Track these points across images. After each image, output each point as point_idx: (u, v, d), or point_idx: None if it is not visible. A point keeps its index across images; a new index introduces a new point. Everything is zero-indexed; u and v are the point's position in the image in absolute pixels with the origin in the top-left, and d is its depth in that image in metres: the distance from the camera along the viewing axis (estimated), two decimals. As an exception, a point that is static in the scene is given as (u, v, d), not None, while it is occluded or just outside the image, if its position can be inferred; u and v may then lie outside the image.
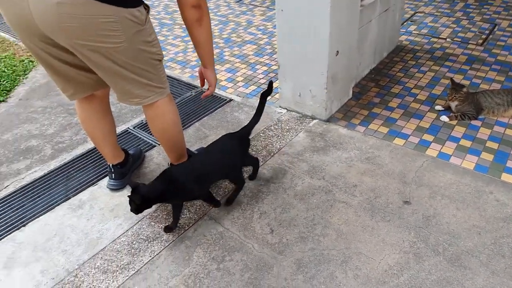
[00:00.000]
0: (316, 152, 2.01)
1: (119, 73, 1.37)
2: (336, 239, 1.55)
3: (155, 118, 1.59)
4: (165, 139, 1.69)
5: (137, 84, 1.43)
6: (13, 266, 1.51)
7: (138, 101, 1.49)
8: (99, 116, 1.65)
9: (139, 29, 1.31)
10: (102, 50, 1.28)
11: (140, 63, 1.38)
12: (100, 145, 1.73)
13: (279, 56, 2.20)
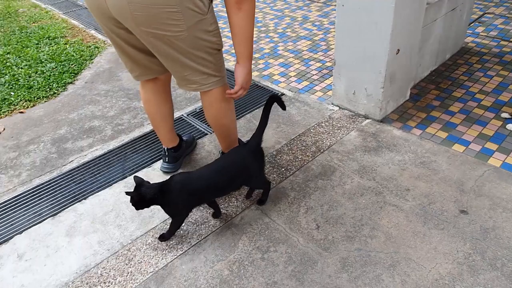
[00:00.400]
0: (367, 152, 1.96)
1: (178, 60, 1.43)
2: (384, 242, 1.50)
3: (210, 105, 1.63)
4: (218, 127, 1.73)
5: (195, 72, 1.48)
6: (74, 235, 1.63)
7: (195, 87, 1.55)
8: (160, 99, 1.73)
9: (200, 18, 1.34)
10: (164, 38, 1.34)
11: (199, 51, 1.42)
12: (158, 128, 1.81)
13: (336, 52, 2.17)
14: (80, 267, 1.50)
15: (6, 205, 1.80)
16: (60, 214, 1.73)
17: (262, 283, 1.40)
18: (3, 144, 2.20)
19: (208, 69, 1.49)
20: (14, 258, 1.55)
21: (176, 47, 1.38)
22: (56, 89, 2.69)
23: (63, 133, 2.28)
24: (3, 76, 2.83)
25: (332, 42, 3.12)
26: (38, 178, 1.96)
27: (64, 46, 3.29)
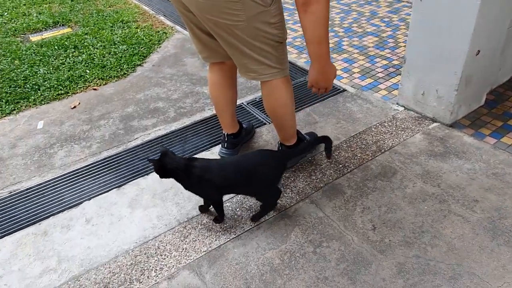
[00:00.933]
0: (433, 157, 1.85)
1: (238, 48, 1.45)
2: (446, 252, 1.42)
3: (269, 95, 1.63)
4: (275, 118, 1.73)
5: (253, 61, 1.49)
6: (135, 207, 1.73)
7: (254, 76, 1.55)
8: (226, 83, 1.76)
9: (262, 10, 1.34)
10: (224, 26, 1.37)
11: (258, 42, 1.42)
12: (220, 112, 1.86)
13: (407, 50, 2.06)
14: (139, 238, 1.58)
15: (77, 172, 1.95)
16: (124, 187, 1.84)
17: (312, 276, 1.39)
18: (77, 117, 2.38)
19: (268, 60, 1.49)
20: (83, 222, 1.67)
21: (235, 35, 1.40)
22: (126, 70, 2.85)
23: (130, 111, 2.41)
24: (80, 55, 3.06)
25: (401, 40, 2.98)
26: (106, 151, 2.09)
27: (135, 30, 3.47)
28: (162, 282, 1.41)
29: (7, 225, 1.68)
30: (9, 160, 2.06)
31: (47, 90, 2.64)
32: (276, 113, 1.70)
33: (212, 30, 1.44)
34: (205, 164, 1.50)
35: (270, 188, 1.57)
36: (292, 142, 1.80)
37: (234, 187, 1.54)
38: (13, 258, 1.54)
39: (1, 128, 2.32)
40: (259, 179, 1.50)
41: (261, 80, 1.57)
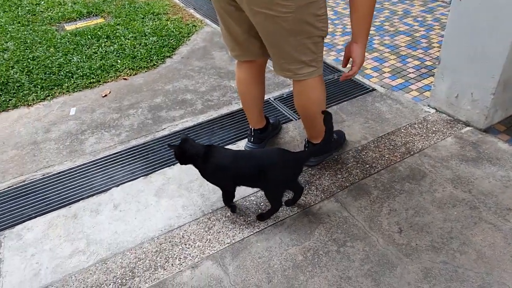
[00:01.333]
0: (464, 161, 1.80)
1: (279, 44, 1.44)
2: (475, 260, 1.38)
3: (301, 93, 1.62)
4: (305, 116, 1.72)
5: (292, 60, 1.48)
6: (161, 196, 1.76)
7: (290, 75, 1.55)
8: (254, 81, 1.76)
9: (311, 1, 1.33)
10: (271, 18, 1.36)
11: (302, 36, 1.41)
12: (247, 108, 1.86)
13: (442, 50, 2.00)
14: (165, 226, 1.61)
15: (107, 159, 2.00)
16: (151, 175, 1.88)
17: (335, 275, 1.38)
18: (108, 106, 2.44)
19: (307, 57, 1.48)
20: (111, 207, 1.72)
21: (280, 29, 1.38)
22: (156, 61, 2.89)
23: (158, 102, 2.45)
24: (112, 45, 3.12)
25: (434, 40, 2.89)
26: (135, 140, 2.14)
27: (166, 22, 3.51)
28: (185, 271, 1.43)
29: (40, 206, 1.75)
30: (42, 144, 2.14)
31: (79, 78, 2.71)
32: (307, 112, 1.68)
33: (259, 24, 1.42)
34: (221, 153, 1.53)
35: (279, 188, 1.55)
36: (319, 140, 1.78)
37: (245, 179, 1.55)
38: (44, 238, 1.60)
39: (36, 113, 2.40)
40: (269, 177, 1.48)
41: (296, 79, 1.56)
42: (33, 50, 3.07)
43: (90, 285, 1.41)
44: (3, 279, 1.45)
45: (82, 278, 1.43)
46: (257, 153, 1.64)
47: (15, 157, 2.05)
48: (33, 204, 1.76)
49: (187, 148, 1.49)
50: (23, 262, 1.51)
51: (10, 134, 2.23)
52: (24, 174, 1.94)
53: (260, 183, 1.55)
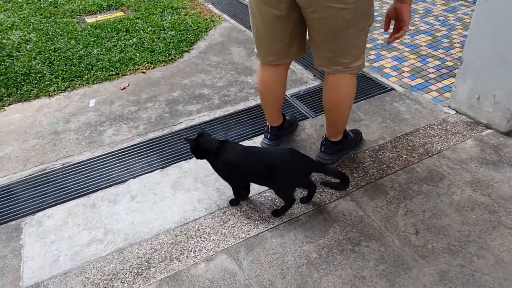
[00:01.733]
0: (485, 165, 1.76)
1: (338, 38, 1.45)
2: (493, 265, 1.36)
3: (334, 89, 1.61)
4: (333, 112, 1.70)
5: (347, 53, 1.50)
6: (178, 189, 1.78)
7: (341, 69, 1.55)
8: (277, 82, 1.75)
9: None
10: (338, 11, 1.37)
11: (358, 27, 1.43)
12: (266, 106, 1.86)
13: (465, 50, 1.96)
14: (180, 219, 1.63)
15: (125, 151, 2.03)
16: (167, 168, 1.90)
17: (349, 274, 1.37)
18: (126, 98, 2.48)
19: (358, 50, 1.51)
20: (128, 198, 1.75)
21: (343, 22, 1.40)
22: (174, 55, 2.91)
23: (176, 96, 2.47)
24: (131, 38, 3.16)
25: (456, 40, 2.84)
26: (152, 133, 2.16)
27: (184, 17, 3.53)
28: (200, 263, 1.45)
29: (59, 194, 1.79)
30: (63, 134, 2.18)
31: (99, 70, 2.76)
32: (336, 108, 1.67)
33: (323, 20, 1.40)
34: (232, 149, 1.54)
35: (287, 187, 1.55)
36: (338, 138, 1.78)
37: (254, 176, 1.57)
38: (64, 225, 1.64)
39: (57, 104, 2.45)
40: (277, 175, 1.49)
41: (338, 73, 1.55)
42: (54, 42, 3.12)
43: (107, 273, 1.44)
44: (23, 264, 1.49)
45: (99, 266, 1.46)
46: (267, 151, 1.65)
47: (36, 146, 2.10)
48: (53, 192, 1.80)
49: (202, 142, 1.52)
50: (43, 248, 1.55)
51: (31, 124, 2.28)
52: (44, 163, 1.99)
53: (269, 181, 1.55)
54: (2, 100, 2.48)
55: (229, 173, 1.58)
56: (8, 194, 1.80)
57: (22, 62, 2.83)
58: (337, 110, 1.68)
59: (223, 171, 1.59)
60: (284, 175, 1.49)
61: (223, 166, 1.56)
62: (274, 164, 1.50)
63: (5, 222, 1.66)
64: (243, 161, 1.52)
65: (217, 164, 1.56)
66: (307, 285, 1.35)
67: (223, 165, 1.55)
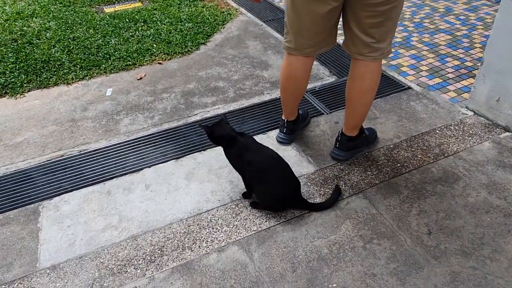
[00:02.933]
0: (502, 167, 1.74)
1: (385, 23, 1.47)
2: (507, 268, 1.35)
3: (363, 75, 1.61)
4: (356, 102, 1.69)
5: (387, 38, 1.53)
6: (191, 179, 1.80)
7: (371, 56, 1.55)
8: (303, 75, 1.74)
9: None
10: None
11: (398, 10, 1.46)
12: (286, 100, 1.86)
13: (486, 51, 1.93)
14: (193, 209, 1.66)
15: (140, 140, 2.06)
16: (182, 159, 1.92)
17: (360, 271, 1.38)
18: (143, 88, 2.50)
19: (391, 36, 1.54)
20: (142, 187, 1.78)
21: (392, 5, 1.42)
22: (190, 47, 2.93)
23: (191, 87, 2.49)
24: (149, 29, 3.18)
25: (476, 40, 2.78)
26: (167, 123, 2.19)
27: (201, 9, 3.53)
28: (212, 253, 1.47)
29: (76, 180, 1.83)
30: (80, 122, 2.22)
31: (116, 60, 2.79)
32: (362, 97, 1.67)
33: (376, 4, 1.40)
34: (241, 142, 1.55)
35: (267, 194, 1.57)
36: (355, 133, 1.77)
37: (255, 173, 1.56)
38: (80, 211, 1.67)
39: (75, 92, 2.49)
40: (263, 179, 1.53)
41: (373, 60, 1.56)
42: (73, 31, 3.17)
43: (121, 259, 1.47)
44: (40, 246, 1.53)
45: (113, 251, 1.50)
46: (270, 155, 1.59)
47: (54, 133, 2.15)
48: (70, 178, 1.84)
49: (216, 129, 1.56)
50: (60, 232, 1.58)
51: (50, 110, 2.33)
52: (62, 149, 2.03)
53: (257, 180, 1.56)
54: (22, 87, 2.53)
55: (234, 164, 1.62)
56: (27, 178, 1.85)
57: (41, 49, 2.88)
58: (362, 100, 1.67)
59: (231, 162, 1.62)
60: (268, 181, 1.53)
61: (231, 157, 1.60)
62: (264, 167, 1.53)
63: (24, 205, 1.71)
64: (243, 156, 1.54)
65: (230, 154, 1.60)
66: (317, 280, 1.36)
67: (234, 156, 1.58)
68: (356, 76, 1.63)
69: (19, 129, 2.18)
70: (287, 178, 1.56)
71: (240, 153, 1.55)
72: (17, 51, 2.86)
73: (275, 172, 1.54)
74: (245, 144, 1.56)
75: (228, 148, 1.59)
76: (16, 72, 2.64)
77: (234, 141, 1.55)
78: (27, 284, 1.40)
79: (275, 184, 1.53)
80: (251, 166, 1.54)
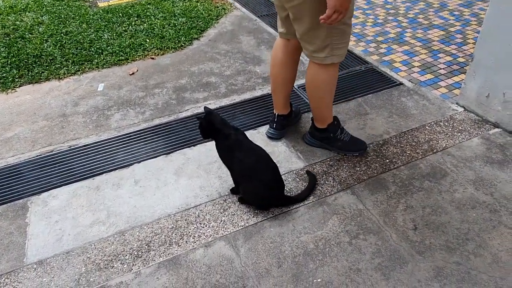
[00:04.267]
0: (489, 164, 1.75)
1: (299, 22, 1.53)
2: (490, 264, 1.35)
3: (307, 73, 1.71)
4: (308, 93, 1.79)
5: (306, 40, 1.57)
6: (180, 175, 1.81)
7: (311, 56, 1.62)
8: (288, 62, 1.78)
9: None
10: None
11: (315, 18, 1.44)
12: (276, 90, 1.87)
13: (477, 47, 1.93)
14: (182, 204, 1.66)
15: (130, 136, 2.06)
16: (171, 154, 1.92)
17: (345, 266, 1.39)
18: (135, 84, 2.50)
19: (321, 42, 1.55)
20: (131, 182, 1.78)
21: (304, 8, 1.48)
22: (183, 42, 2.92)
23: (183, 83, 2.48)
24: (142, 24, 3.17)
25: (470, 36, 2.78)
26: (158, 119, 2.18)
27: (196, 4, 3.52)
28: (198, 249, 1.48)
29: (65, 176, 1.83)
30: (71, 117, 2.22)
31: (109, 55, 2.78)
32: (310, 92, 1.79)
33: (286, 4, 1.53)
34: (239, 140, 1.55)
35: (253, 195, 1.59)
36: (320, 126, 1.84)
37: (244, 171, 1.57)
38: (68, 206, 1.68)
39: (66, 87, 2.49)
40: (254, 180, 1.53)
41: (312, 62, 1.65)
42: (66, 25, 3.15)
43: (108, 254, 1.47)
44: (28, 241, 1.54)
45: (101, 247, 1.50)
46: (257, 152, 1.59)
47: (45, 128, 2.14)
48: (59, 173, 1.84)
49: (215, 121, 1.53)
50: (47, 227, 1.59)
51: (41, 105, 2.32)
52: (52, 144, 2.03)
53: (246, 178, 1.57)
54: (13, 82, 2.52)
55: (229, 160, 1.60)
56: (16, 173, 1.85)
57: (34, 44, 2.87)
58: (310, 94, 1.77)
59: (224, 157, 1.61)
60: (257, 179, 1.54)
61: (221, 151, 1.59)
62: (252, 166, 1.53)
63: (12, 201, 1.71)
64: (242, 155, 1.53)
65: (221, 148, 1.59)
66: (303, 274, 1.37)
67: (225, 151, 1.58)
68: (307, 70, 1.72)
69: (9, 124, 2.18)
70: (274, 180, 1.57)
71: (232, 149, 1.55)
72: (9, 46, 2.85)
73: (264, 173, 1.54)
74: (237, 140, 1.56)
75: (221, 142, 1.58)
76: (7, 67, 2.63)
77: (228, 135, 1.54)
78: (14, 279, 1.41)
79: (262, 185, 1.54)
80: (241, 164, 1.54)
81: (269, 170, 1.56)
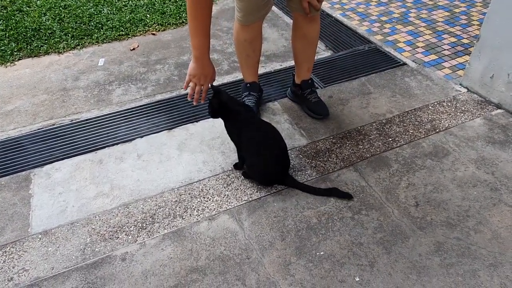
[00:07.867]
0: (491, 144, 1.76)
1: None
2: (490, 239, 1.38)
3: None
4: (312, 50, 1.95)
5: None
6: (183, 150, 1.81)
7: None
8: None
9: None
10: None
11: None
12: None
13: (483, 27, 1.91)
14: (185, 179, 1.66)
15: (132, 111, 2.04)
16: (174, 130, 1.92)
17: (347, 240, 1.41)
18: (136, 59, 2.46)
19: None
20: (134, 156, 1.78)
21: None
22: (184, 18, 2.87)
23: (185, 59, 2.45)
24: (142, -1, 3.10)
25: (474, 17, 2.75)
26: (160, 95, 2.17)
27: (197, -20, 3.44)
28: (203, 222, 1.49)
29: (67, 149, 1.82)
30: (71, 91, 2.20)
31: (109, 29, 2.73)
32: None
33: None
34: (249, 117, 1.56)
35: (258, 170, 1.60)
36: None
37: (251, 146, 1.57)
38: (71, 179, 1.68)
39: (66, 61, 2.45)
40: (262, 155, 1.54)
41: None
42: (64, -1, 3.08)
43: (113, 225, 1.48)
44: (32, 212, 1.54)
45: (105, 218, 1.51)
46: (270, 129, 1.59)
47: (46, 102, 2.12)
48: (62, 147, 1.84)
49: (226, 99, 1.53)
50: (51, 199, 1.59)
51: (41, 79, 2.29)
52: (53, 118, 2.01)
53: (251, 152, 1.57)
54: (12, 55, 2.48)
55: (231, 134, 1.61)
56: (18, 146, 1.84)
57: (32, 17, 2.81)
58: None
59: (231, 132, 1.60)
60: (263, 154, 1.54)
61: (234, 128, 1.58)
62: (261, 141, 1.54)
63: (15, 172, 1.71)
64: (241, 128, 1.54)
65: (230, 125, 1.58)
66: (306, 248, 1.39)
67: (233, 127, 1.57)
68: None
69: (9, 97, 2.15)
70: (282, 159, 1.57)
71: (242, 126, 1.54)
72: (7, 19, 2.78)
73: (273, 149, 1.54)
74: (249, 117, 1.56)
75: (231, 120, 1.56)
76: (6, 40, 2.58)
77: (238, 112, 1.54)
78: (19, 247, 1.42)
79: (269, 160, 1.54)
80: (251, 139, 1.53)
81: (278, 147, 1.56)
